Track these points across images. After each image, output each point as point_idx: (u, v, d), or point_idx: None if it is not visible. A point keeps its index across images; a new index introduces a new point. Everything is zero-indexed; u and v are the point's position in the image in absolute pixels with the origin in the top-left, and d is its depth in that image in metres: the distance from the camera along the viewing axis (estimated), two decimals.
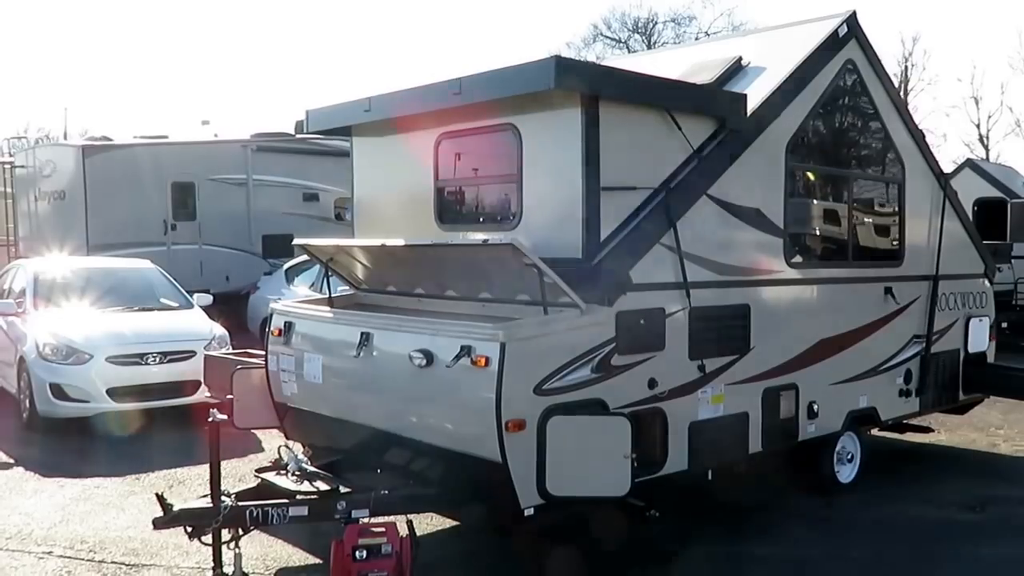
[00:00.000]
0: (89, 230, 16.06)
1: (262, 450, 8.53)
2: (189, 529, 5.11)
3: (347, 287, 7.09)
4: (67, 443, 9.10)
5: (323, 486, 5.46)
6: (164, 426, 9.47)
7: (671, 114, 5.67)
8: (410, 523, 5.22)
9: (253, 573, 5.57)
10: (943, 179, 7.92)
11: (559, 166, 5.48)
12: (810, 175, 6.97)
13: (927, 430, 8.61)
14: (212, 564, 5.16)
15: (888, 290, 7.27)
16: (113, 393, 9.35)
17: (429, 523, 6.35)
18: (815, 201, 7.11)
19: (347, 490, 5.48)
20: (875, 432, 8.05)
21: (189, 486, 7.48)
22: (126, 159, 16.95)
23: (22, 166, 18.58)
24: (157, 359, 9.56)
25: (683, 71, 6.79)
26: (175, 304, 10.85)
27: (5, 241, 18.90)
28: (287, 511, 5.19)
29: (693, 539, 6.16)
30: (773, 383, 6.31)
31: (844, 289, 6.96)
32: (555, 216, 5.53)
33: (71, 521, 6.65)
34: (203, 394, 8.66)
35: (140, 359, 9.51)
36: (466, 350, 5.00)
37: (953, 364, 8.03)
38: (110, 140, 17.81)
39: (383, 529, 5.04)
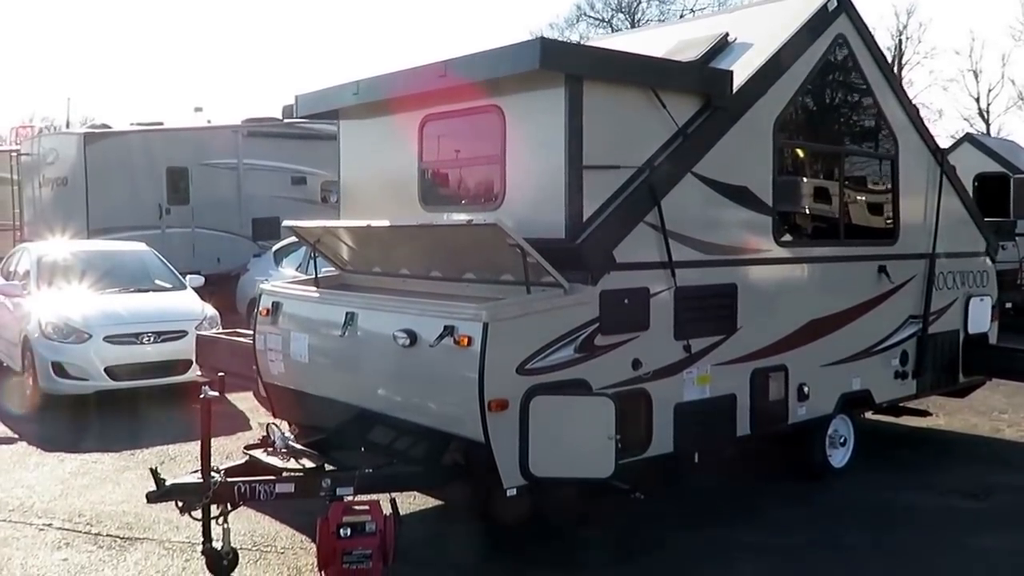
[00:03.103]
0: (89, 215, 16.37)
1: (251, 428, 8.58)
2: (180, 504, 5.12)
3: (333, 268, 7.06)
4: (68, 419, 9.33)
5: (309, 464, 5.45)
6: (158, 404, 9.63)
7: (656, 92, 5.59)
8: (393, 501, 5.20)
9: (241, 548, 5.58)
10: (940, 155, 7.81)
11: (542, 146, 5.42)
12: (799, 152, 6.88)
13: (925, 414, 8.39)
14: (201, 539, 5.17)
15: (882, 269, 7.17)
16: (110, 371, 9.60)
17: (412, 502, 6.33)
18: (805, 179, 7.01)
19: (332, 468, 5.47)
20: (870, 416, 7.96)
21: (180, 462, 7.64)
22: (124, 146, 17.21)
23: (27, 154, 18.84)
24: (151, 339, 9.81)
25: (668, 49, 6.70)
26: (169, 285, 11.12)
27: (11, 226, 19.16)
28: (274, 488, 5.19)
29: (678, 524, 6.10)
30: (761, 364, 6.24)
31: (835, 268, 6.88)
32: (538, 196, 5.48)
33: (70, 495, 6.83)
34: (194, 373, 8.72)
35: (135, 338, 9.75)
36: (449, 330, 4.97)
37: (952, 345, 7.91)
38: (109, 128, 17.98)
39: (367, 507, 5.05)
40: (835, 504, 6.57)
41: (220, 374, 5.64)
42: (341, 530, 4.95)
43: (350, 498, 5.11)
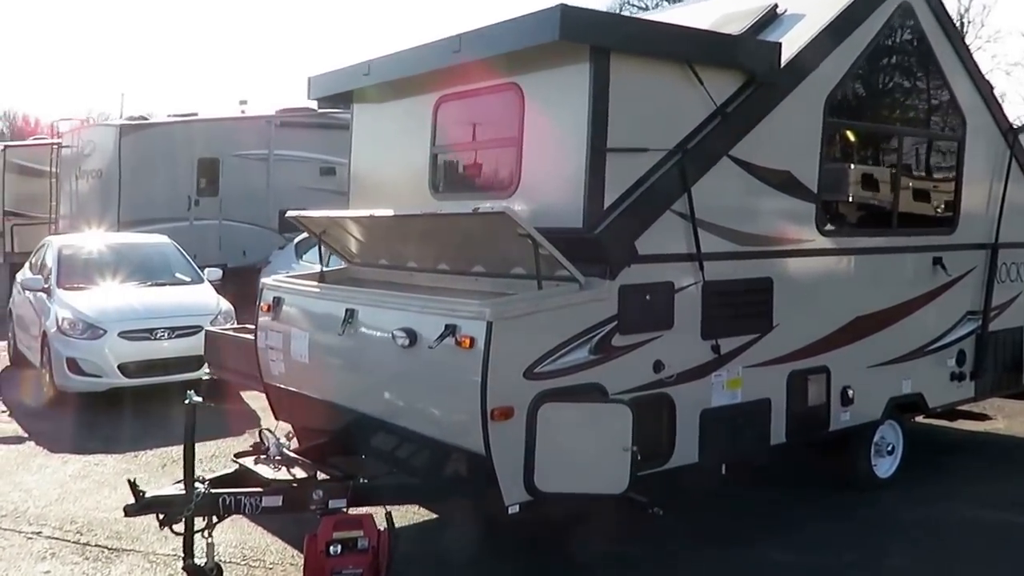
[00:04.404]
0: (121, 207, 16.25)
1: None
2: (160, 517, 4.76)
3: (342, 261, 6.65)
4: (79, 417, 9.06)
5: (301, 473, 5.05)
6: (171, 401, 9.19)
7: (692, 67, 5.04)
8: (389, 516, 4.79)
9: (229, 562, 5.26)
10: (1011, 135, 7.10)
11: (563, 127, 4.93)
12: (852, 134, 6.28)
13: (983, 417, 7.79)
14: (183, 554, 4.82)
15: (937, 261, 6.55)
16: (124, 368, 9.32)
17: (415, 514, 5.89)
18: (856, 163, 6.41)
19: (326, 478, 5.08)
20: (921, 419, 7.33)
21: (180, 463, 7.21)
22: (158, 137, 17.03)
23: (67, 147, 18.82)
24: (165, 334, 9.49)
25: (711, 23, 6.12)
26: (188, 279, 10.82)
27: (48, 220, 19.20)
28: (260, 500, 4.79)
29: (702, 541, 5.58)
30: (800, 365, 5.69)
31: (885, 260, 6.27)
32: (556, 182, 4.99)
33: (66, 500, 6.55)
34: (204, 370, 8.39)
35: (150, 334, 9.45)
36: (451, 329, 4.51)
37: (1016, 343, 7.27)
38: (146, 119, 17.85)
39: (360, 521, 4.65)
40: (880, 519, 6.00)
41: (206, 377, 5.23)
42: (331, 547, 4.64)
43: (345, 511, 4.74)
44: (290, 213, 6.50)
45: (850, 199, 6.34)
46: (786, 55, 5.45)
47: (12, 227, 20.70)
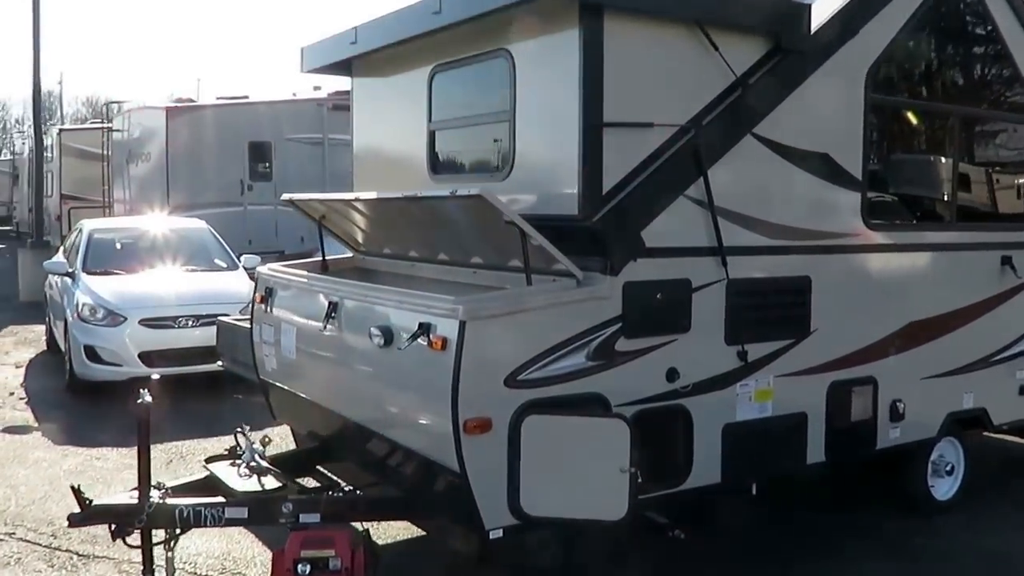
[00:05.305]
0: (170, 191, 16.14)
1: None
2: (112, 528, 4.34)
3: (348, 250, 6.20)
4: (94, 408, 8.80)
5: (272, 483, 4.60)
6: (193, 394, 8.94)
7: (705, 31, 4.40)
8: (366, 533, 4.31)
9: (206, 575, 4.90)
10: None
11: (554, 99, 4.34)
12: (901, 111, 5.53)
13: None
14: (142, 569, 4.40)
15: (1007, 260, 5.77)
16: (144, 357, 9.00)
17: (405, 531, 5.39)
18: (907, 144, 5.66)
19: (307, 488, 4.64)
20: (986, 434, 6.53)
21: (188, 461, 7.02)
22: (206, 120, 16.91)
23: (118, 130, 18.81)
24: (189, 323, 9.14)
25: None
26: (224, 265, 10.46)
27: (101, 203, 19.29)
28: (223, 512, 4.34)
29: (727, 570, 4.98)
30: (842, 376, 5.01)
31: (944, 258, 5.52)
32: (550, 162, 4.42)
33: (50, 498, 6.24)
34: (217, 363, 8.02)
35: (173, 322, 9.12)
36: (424, 328, 3.97)
37: None
38: (194, 102, 17.70)
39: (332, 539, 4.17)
40: (937, 549, 5.32)
41: (155, 376, 4.83)
42: (299, 565, 4.14)
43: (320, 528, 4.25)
44: (285, 196, 6.03)
45: (902, 187, 5.59)
46: (818, 18, 4.76)
47: (69, 210, 20.96)
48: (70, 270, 10.04)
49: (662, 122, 4.34)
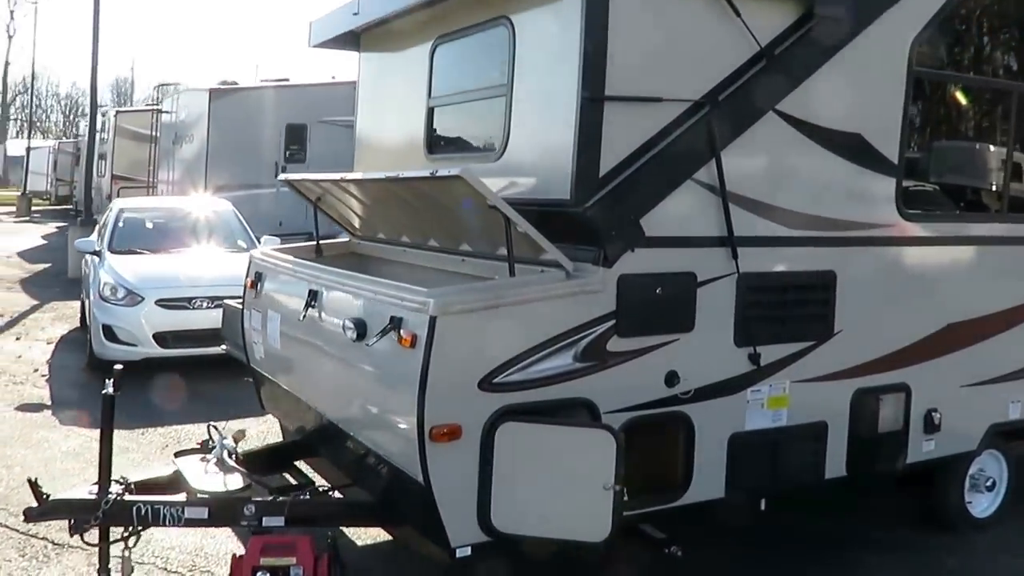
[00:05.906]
0: (208, 172, 16.17)
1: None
2: (71, 524, 4.13)
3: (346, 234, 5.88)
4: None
5: (237, 482, 4.30)
6: (207, 375, 8.71)
7: None
8: (333, 539, 4.01)
9: (174, 572, 4.68)
10: None
11: (553, 71, 3.94)
12: (948, 88, 4.99)
13: None
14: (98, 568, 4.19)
15: None
16: (159, 338, 8.89)
17: (376, 536, 5.06)
18: (952, 127, 5.11)
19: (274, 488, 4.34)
20: None
21: (185, 445, 6.69)
22: (247, 102, 16.89)
23: (167, 112, 18.93)
24: (204, 304, 8.95)
25: None
26: (244, 246, 10.23)
27: (146, 183, 19.47)
28: (182, 511, 4.07)
29: None
30: (870, 382, 4.52)
31: (989, 253, 4.98)
32: (544, 142, 4.02)
33: (41, 481, 5.88)
34: (221, 346, 7.79)
35: (188, 303, 8.97)
36: (396, 323, 3.61)
37: None
38: (237, 84, 17.71)
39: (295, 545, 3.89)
40: (975, 570, 4.86)
41: (118, 366, 4.57)
42: (258, 573, 3.87)
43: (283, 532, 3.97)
44: (281, 176, 5.72)
45: (944, 174, 5.05)
46: None
47: (119, 190, 21.13)
48: (97, 249, 9.96)
49: (672, 97, 3.89)
